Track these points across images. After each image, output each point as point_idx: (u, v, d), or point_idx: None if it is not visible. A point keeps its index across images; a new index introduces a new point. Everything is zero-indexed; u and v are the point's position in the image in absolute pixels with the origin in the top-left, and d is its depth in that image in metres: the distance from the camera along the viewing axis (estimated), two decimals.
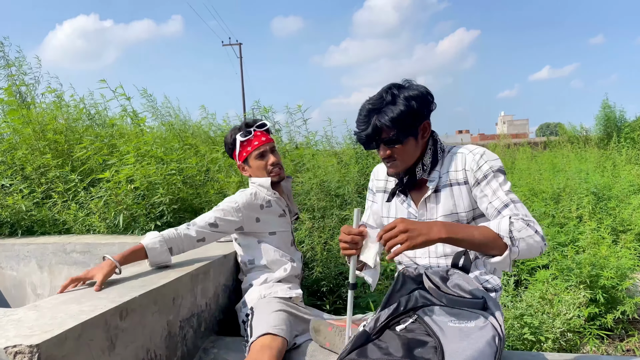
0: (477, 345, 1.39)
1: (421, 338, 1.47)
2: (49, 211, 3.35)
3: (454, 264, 1.66)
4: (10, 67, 4.90)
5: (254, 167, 2.29)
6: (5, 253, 3.07)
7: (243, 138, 2.27)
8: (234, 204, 2.18)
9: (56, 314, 1.49)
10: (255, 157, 2.27)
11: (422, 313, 1.55)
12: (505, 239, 1.47)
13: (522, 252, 1.49)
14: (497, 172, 1.64)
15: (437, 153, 1.75)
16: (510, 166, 9.74)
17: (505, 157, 11.25)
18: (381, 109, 1.66)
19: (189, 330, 1.98)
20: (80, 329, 1.41)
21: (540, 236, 1.51)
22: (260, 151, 2.27)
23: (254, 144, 2.28)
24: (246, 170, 2.33)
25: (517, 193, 5.21)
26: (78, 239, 3.02)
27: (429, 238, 1.44)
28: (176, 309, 1.90)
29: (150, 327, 1.73)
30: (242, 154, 2.29)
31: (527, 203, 4.88)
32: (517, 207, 1.57)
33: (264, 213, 2.25)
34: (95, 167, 3.64)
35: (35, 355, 1.25)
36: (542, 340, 2.73)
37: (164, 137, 4.81)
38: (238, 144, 2.28)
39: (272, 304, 2.05)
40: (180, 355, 1.91)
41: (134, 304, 1.65)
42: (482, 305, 1.53)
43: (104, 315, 1.51)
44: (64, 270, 2.97)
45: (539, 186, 5.64)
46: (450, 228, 1.48)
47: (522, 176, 7.23)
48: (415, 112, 1.65)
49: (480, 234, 1.49)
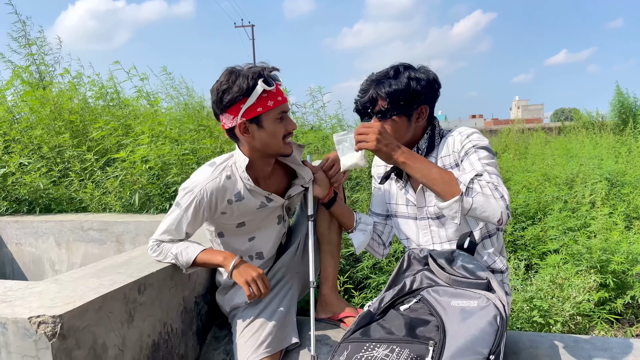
0: (479, 324, 1.42)
1: (424, 317, 1.50)
2: (65, 190, 3.41)
3: (459, 245, 1.68)
4: (30, 45, 4.93)
5: (269, 130, 1.68)
6: (24, 230, 3.15)
7: (268, 87, 1.63)
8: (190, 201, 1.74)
9: (77, 287, 1.54)
10: (275, 118, 1.68)
11: (426, 293, 1.58)
12: (461, 186, 1.48)
13: (476, 207, 1.47)
14: (480, 149, 1.62)
15: (434, 138, 1.76)
16: (524, 151, 9.69)
17: (518, 142, 11.17)
18: (381, 81, 1.70)
19: (204, 306, 2.03)
20: (100, 301, 1.46)
21: (505, 202, 1.46)
22: (283, 110, 1.71)
23: (277, 99, 1.67)
24: (249, 133, 1.69)
25: (529, 178, 5.20)
26: (95, 217, 3.08)
27: (391, 154, 1.56)
28: (192, 285, 1.95)
29: (167, 302, 1.78)
30: (257, 108, 1.64)
31: (540, 188, 4.86)
32: (491, 176, 1.53)
33: (231, 206, 1.80)
34: (110, 147, 3.69)
35: (58, 325, 1.30)
36: (551, 323, 2.75)
37: (179, 117, 4.85)
38: (258, 92, 1.62)
39: (245, 320, 1.86)
40: (195, 330, 1.96)
41: (151, 279, 1.70)
42: (485, 285, 1.56)
43: (123, 289, 1.56)
44: (81, 247, 3.04)
45: (552, 171, 5.62)
46: (410, 156, 1.56)
47: (535, 161, 7.19)
48: (414, 92, 1.67)
49: (438, 173, 1.52)
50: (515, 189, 4.91)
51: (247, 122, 1.67)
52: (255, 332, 1.82)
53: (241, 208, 1.81)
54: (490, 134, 15.27)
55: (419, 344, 1.42)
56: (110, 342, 1.50)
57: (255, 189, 1.80)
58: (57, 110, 3.95)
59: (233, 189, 1.78)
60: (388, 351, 1.42)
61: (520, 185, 5.00)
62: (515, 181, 5.21)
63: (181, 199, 1.76)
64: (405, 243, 1.92)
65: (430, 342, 1.41)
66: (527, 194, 4.57)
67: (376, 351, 1.42)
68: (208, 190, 1.73)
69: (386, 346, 1.43)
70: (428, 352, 1.39)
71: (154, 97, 4.44)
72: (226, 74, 1.68)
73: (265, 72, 1.66)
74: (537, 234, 3.89)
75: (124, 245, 2.91)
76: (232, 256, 1.72)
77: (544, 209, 4.36)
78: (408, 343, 1.42)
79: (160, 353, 1.74)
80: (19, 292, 1.52)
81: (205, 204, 1.73)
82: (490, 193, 1.48)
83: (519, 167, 6.33)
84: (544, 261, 3.45)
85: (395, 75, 1.71)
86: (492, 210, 1.48)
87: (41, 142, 3.71)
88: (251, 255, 1.94)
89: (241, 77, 1.63)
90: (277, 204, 1.90)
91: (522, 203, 4.46)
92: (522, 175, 5.39)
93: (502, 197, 1.48)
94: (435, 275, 1.66)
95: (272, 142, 1.72)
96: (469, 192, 1.48)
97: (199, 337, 1.99)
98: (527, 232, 3.91)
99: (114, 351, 1.51)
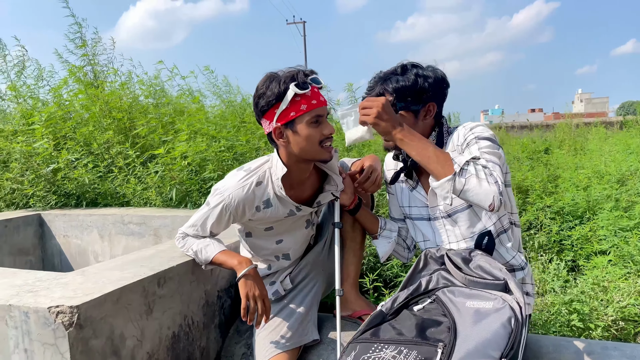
0: (492, 326, 1.38)
1: (437, 318, 1.47)
2: (110, 184, 3.56)
3: (477, 244, 1.64)
4: (83, 47, 5.17)
5: (303, 135, 1.65)
6: (70, 223, 3.31)
7: (300, 91, 1.61)
8: (218, 204, 1.75)
9: (99, 279, 1.61)
10: (309, 122, 1.64)
11: (441, 294, 1.55)
12: (455, 166, 1.46)
13: (468, 189, 1.45)
14: (481, 140, 1.60)
15: (442, 136, 1.74)
16: (581, 147, 9.28)
17: (575, 137, 10.71)
18: (388, 78, 1.71)
19: (227, 300, 2.07)
20: (118, 293, 1.52)
21: (498, 187, 1.44)
22: (319, 114, 1.65)
23: (311, 102, 1.63)
24: (285, 138, 1.68)
25: (579, 175, 4.97)
26: (135, 211, 3.20)
27: (389, 130, 1.55)
28: (214, 279, 1.99)
29: (187, 295, 1.83)
30: (290, 112, 1.62)
31: (590, 185, 4.64)
32: (488, 163, 1.50)
33: (259, 214, 1.80)
34: (153, 144, 3.81)
35: (75, 315, 1.37)
36: (591, 327, 2.63)
37: (221, 115, 4.95)
38: (289, 97, 1.61)
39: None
40: (217, 323, 2.01)
41: (171, 273, 1.75)
42: (503, 286, 1.51)
43: (142, 282, 1.62)
44: (122, 240, 3.17)
45: (606, 168, 5.34)
46: (409, 134, 1.55)
47: (592, 157, 6.87)
48: (421, 89, 1.68)
49: (434, 152, 1.51)
50: (563, 187, 4.71)
51: (282, 127, 1.66)
52: (276, 327, 1.84)
53: (268, 215, 1.80)
54: (546, 128, 14.68)
55: (427, 345, 1.39)
56: (129, 333, 1.56)
57: (286, 198, 1.78)
58: (106, 109, 4.12)
59: (262, 196, 1.77)
60: (396, 352, 1.40)
61: (569, 182, 4.79)
62: (564, 178, 5.00)
63: (211, 198, 1.78)
64: (422, 245, 1.90)
65: (440, 344, 1.38)
66: (575, 192, 4.38)
67: (384, 352, 1.41)
68: (235, 197, 1.72)
69: (394, 347, 1.41)
70: (437, 354, 1.36)
71: (197, 95, 4.55)
72: (264, 79, 1.68)
73: (299, 75, 1.64)
74: (585, 234, 3.72)
75: (161, 238, 3.01)
76: (247, 263, 1.71)
77: (594, 208, 4.16)
78: (417, 345, 1.40)
79: (181, 345, 1.79)
80: (47, 282, 1.61)
81: (232, 209, 1.74)
82: (484, 177, 1.46)
83: (571, 164, 6.07)
84: (591, 262, 3.30)
85: (402, 72, 1.73)
86: (485, 194, 1.45)
87: (90, 139, 3.89)
88: (277, 256, 1.96)
89: (274, 82, 1.63)
90: (306, 213, 1.88)
91: (570, 201, 4.27)
92: (571, 172, 5.16)
93: (495, 182, 1.46)
94: (452, 275, 1.63)
95: (308, 147, 1.67)
96: (462, 173, 1.47)
97: (222, 330, 2.04)
98: (574, 232, 3.75)
99: (132, 342, 1.57)
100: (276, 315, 1.87)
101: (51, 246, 3.39)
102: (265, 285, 1.93)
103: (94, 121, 4.07)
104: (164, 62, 4.46)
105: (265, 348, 1.79)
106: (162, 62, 4.43)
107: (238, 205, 1.73)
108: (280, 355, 1.77)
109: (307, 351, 1.89)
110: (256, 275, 1.71)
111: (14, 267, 3.14)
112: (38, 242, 3.40)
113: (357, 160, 2.01)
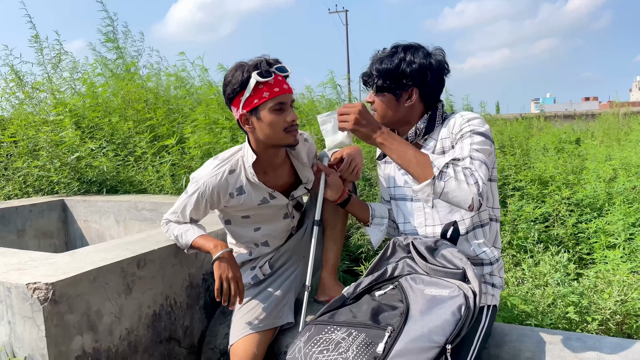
0: (442, 313, 1.42)
1: (394, 304, 1.52)
2: (129, 172, 3.74)
3: (443, 234, 1.67)
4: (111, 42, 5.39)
5: (266, 122, 1.72)
6: (90, 208, 3.50)
7: (262, 79, 1.69)
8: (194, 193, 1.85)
9: (83, 260, 1.74)
10: (272, 109, 1.71)
11: (403, 280, 1.60)
12: (434, 169, 1.49)
13: (448, 191, 1.48)
14: (476, 135, 1.60)
15: (434, 120, 1.75)
16: (624, 137, 8.91)
17: (619, 127, 10.28)
18: (380, 59, 1.75)
19: (213, 283, 2.17)
20: (95, 272, 1.64)
21: (477, 188, 1.46)
22: (281, 101, 1.73)
23: (273, 90, 1.71)
24: (250, 125, 1.76)
25: (604, 167, 4.82)
26: (148, 198, 3.36)
27: (370, 134, 1.61)
28: (199, 262, 2.10)
29: (169, 277, 1.95)
30: (253, 100, 1.70)
31: (612, 177, 4.51)
32: (473, 163, 1.52)
33: (233, 200, 1.88)
34: (169, 134, 3.98)
35: (50, 292, 1.50)
36: (588, 320, 2.60)
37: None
38: (252, 85, 1.68)
39: (246, 297, 1.95)
40: (202, 304, 2.12)
41: (152, 255, 1.86)
42: (461, 275, 1.54)
43: (120, 263, 1.74)
44: (136, 225, 3.33)
45: (637, 159, 5.15)
46: (389, 137, 1.60)
47: (627, 148, 6.62)
48: (403, 74, 1.70)
49: (414, 156, 1.54)
50: (586, 178, 4.59)
51: (247, 114, 1.75)
52: (252, 309, 1.93)
53: (242, 202, 1.88)
54: (591, 118, 14.15)
55: (377, 329, 1.45)
56: (106, 310, 1.68)
57: (259, 184, 1.86)
58: (129, 99, 4.32)
59: (235, 183, 1.85)
60: (346, 334, 1.46)
61: (594, 174, 4.66)
62: (589, 169, 4.86)
63: (189, 186, 1.89)
64: (402, 227, 1.92)
65: (389, 328, 1.43)
66: (596, 184, 4.26)
67: (335, 334, 1.47)
68: (209, 184, 1.82)
69: (345, 329, 1.47)
70: (383, 337, 1.41)
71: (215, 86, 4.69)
72: (232, 68, 1.77)
73: (262, 64, 1.71)
74: (602, 227, 3.63)
75: None
76: (222, 247, 1.80)
77: (614, 201, 4.05)
78: (367, 327, 1.46)
79: (162, 323, 1.91)
80: (37, 262, 1.75)
81: (207, 196, 1.84)
82: (464, 178, 1.48)
83: (601, 155, 5.87)
84: (595, 255, 3.24)
85: (390, 55, 1.75)
86: (464, 196, 1.48)
87: (112, 129, 4.09)
88: (257, 243, 2.04)
89: (239, 70, 1.72)
90: (281, 202, 1.96)
91: (591, 193, 4.17)
92: (597, 164, 5.01)
93: (475, 183, 1.48)
94: (416, 263, 1.67)
95: (272, 134, 1.75)
96: (441, 176, 1.49)
97: (207, 312, 2.15)
98: (591, 225, 3.66)
99: (109, 318, 1.69)
100: (253, 298, 1.96)
101: (73, 230, 3.60)
102: (246, 270, 2.03)
103: (119, 112, 4.28)
104: (184, 54, 4.60)
105: (239, 328, 1.88)
106: (183, 53, 4.57)
107: (212, 192, 1.83)
108: (252, 335, 1.86)
109: (283, 333, 1.97)
110: (230, 258, 1.80)
111: (38, 249, 3.37)
112: (62, 226, 3.62)
113: (337, 151, 2.06)
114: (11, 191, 3.99)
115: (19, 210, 3.31)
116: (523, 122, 10.98)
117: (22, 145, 3.92)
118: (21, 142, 3.93)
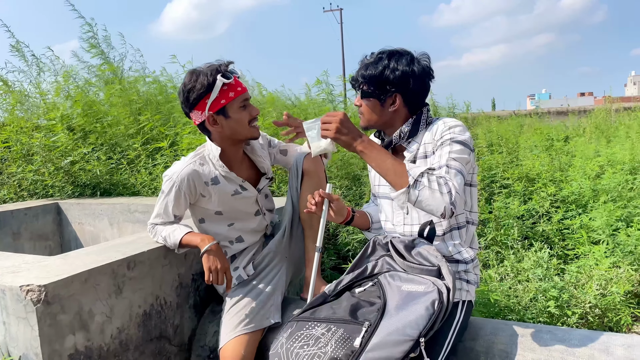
0: (416, 308, 1.50)
1: (372, 300, 1.60)
2: (121, 176, 3.81)
3: (420, 233, 1.75)
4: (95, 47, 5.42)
5: (235, 118, 1.91)
6: (84, 211, 3.57)
7: (227, 80, 1.86)
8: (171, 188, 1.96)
9: (74, 262, 1.81)
10: (239, 107, 1.91)
11: (382, 277, 1.68)
12: (409, 179, 1.56)
13: (421, 200, 1.55)
14: (455, 143, 1.66)
15: (418, 124, 1.81)
16: (614, 133, 9.00)
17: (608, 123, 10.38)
18: (367, 64, 1.82)
19: (203, 282, 2.25)
20: (87, 274, 1.71)
21: (450, 197, 1.53)
22: (245, 98, 1.93)
23: (237, 89, 1.90)
24: (218, 124, 1.92)
25: (590, 164, 4.91)
26: (140, 200, 3.43)
27: (350, 142, 1.67)
28: (189, 263, 2.17)
29: (159, 278, 2.02)
30: (220, 101, 1.87)
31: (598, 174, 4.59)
32: (449, 172, 1.60)
33: (209, 188, 2.00)
34: (160, 137, 4.04)
35: (43, 293, 1.57)
36: (568, 314, 2.68)
37: None
38: (218, 87, 1.84)
39: (233, 298, 2.02)
40: (192, 304, 2.19)
41: (142, 257, 1.93)
42: (436, 272, 1.62)
43: (110, 265, 1.81)
44: (129, 227, 3.40)
45: (621, 156, 5.24)
46: (369, 146, 1.67)
47: (615, 145, 6.72)
48: (386, 81, 1.76)
49: (391, 165, 1.61)
50: (572, 175, 4.67)
51: (214, 115, 1.90)
52: (239, 311, 2.00)
53: (217, 192, 2.00)
54: (583, 114, 14.26)
55: (354, 324, 1.52)
56: (97, 310, 1.75)
57: (230, 174, 2.01)
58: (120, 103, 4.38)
59: (209, 174, 1.99)
60: (325, 330, 1.53)
61: (580, 171, 4.75)
62: (575, 166, 4.95)
63: (164, 185, 1.99)
64: (383, 225, 1.99)
65: (366, 323, 1.51)
66: (581, 181, 4.35)
67: (315, 330, 1.55)
68: (184, 175, 1.94)
69: (325, 325, 1.55)
70: (360, 332, 1.49)
71: None
72: (188, 75, 1.91)
73: (222, 67, 1.88)
74: (586, 223, 3.72)
75: None
76: (209, 240, 1.90)
77: (598, 197, 4.14)
78: (345, 323, 1.53)
79: (153, 322, 1.98)
80: (30, 265, 1.82)
81: (184, 188, 1.95)
82: (437, 187, 1.55)
83: (589, 152, 5.96)
84: (576, 251, 3.33)
85: (376, 61, 1.81)
86: (436, 205, 1.55)
87: (103, 131, 4.15)
88: (231, 240, 2.12)
89: (201, 75, 1.86)
90: (252, 194, 2.09)
91: (576, 190, 4.26)
92: (583, 161, 5.10)
93: (448, 192, 1.54)
94: (394, 261, 1.75)
95: (239, 129, 1.94)
96: (416, 185, 1.56)
97: (197, 310, 2.22)
98: (575, 221, 3.75)
99: (101, 317, 1.76)
100: (240, 300, 2.03)
101: (68, 232, 3.67)
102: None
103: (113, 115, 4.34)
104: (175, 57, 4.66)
105: (227, 330, 1.96)
106: (174, 56, 4.63)
107: (188, 182, 1.94)
108: (241, 337, 1.93)
109: (271, 332, 2.05)
110: (218, 250, 1.90)
111: (33, 252, 3.44)
112: (57, 228, 3.68)
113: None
114: (6, 195, 4.05)
115: (15, 213, 3.37)
116: (515, 119, 11.08)
117: (15, 150, 3.98)
118: (14, 147, 3.99)
